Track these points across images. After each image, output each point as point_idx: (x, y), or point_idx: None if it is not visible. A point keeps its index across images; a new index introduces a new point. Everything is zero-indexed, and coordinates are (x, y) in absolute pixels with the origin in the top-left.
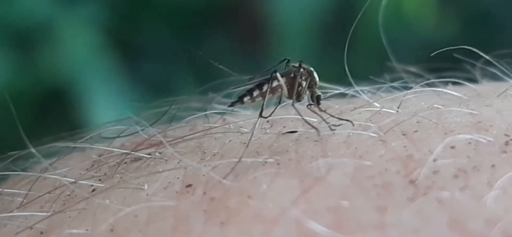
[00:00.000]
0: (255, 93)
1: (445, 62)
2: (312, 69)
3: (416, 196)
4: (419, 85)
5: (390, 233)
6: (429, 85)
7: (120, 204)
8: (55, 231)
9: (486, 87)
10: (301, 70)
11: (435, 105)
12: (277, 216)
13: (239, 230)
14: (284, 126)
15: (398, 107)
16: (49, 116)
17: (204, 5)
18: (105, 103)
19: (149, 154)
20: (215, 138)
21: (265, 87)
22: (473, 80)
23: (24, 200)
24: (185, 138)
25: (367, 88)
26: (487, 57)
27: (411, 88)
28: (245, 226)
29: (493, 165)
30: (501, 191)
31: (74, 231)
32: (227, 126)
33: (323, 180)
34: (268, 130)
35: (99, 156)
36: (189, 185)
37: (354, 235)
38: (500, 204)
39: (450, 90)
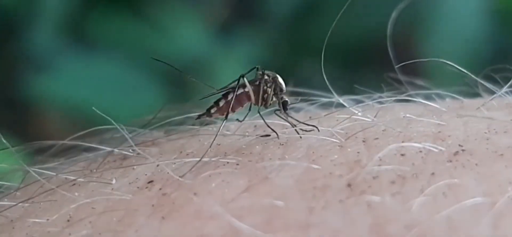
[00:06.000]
0: (221, 103)
1: None
2: (277, 75)
3: (348, 199)
4: (405, 95)
5: (311, 233)
6: (427, 96)
7: (87, 197)
8: (23, 220)
9: (478, 101)
10: (265, 77)
11: (407, 115)
12: (214, 213)
13: (176, 225)
14: (264, 130)
15: (374, 116)
16: None
17: (359, 42)
18: None
19: (132, 153)
20: (199, 140)
21: (230, 96)
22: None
23: (17, 192)
24: (168, 138)
25: (355, 97)
26: (465, 71)
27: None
28: (182, 221)
29: (433, 173)
30: (430, 198)
31: (37, 220)
32: (210, 128)
33: (269, 180)
34: (247, 134)
35: (95, 155)
36: (151, 181)
37: (277, 233)
38: (424, 210)
39: (434, 103)
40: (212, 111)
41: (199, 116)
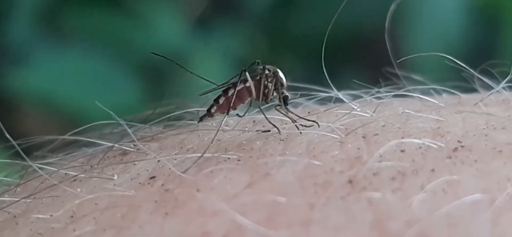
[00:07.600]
0: (221, 100)
1: None
2: (277, 70)
3: (349, 195)
4: (403, 90)
5: (312, 229)
6: (424, 92)
7: (89, 193)
8: (26, 216)
9: (476, 96)
10: (266, 72)
11: (406, 110)
12: (217, 209)
13: (179, 221)
14: (263, 126)
15: (373, 111)
16: None
17: (338, 39)
18: None
19: (132, 148)
20: (199, 136)
21: (230, 92)
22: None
23: (17, 188)
24: (168, 133)
25: (353, 92)
26: (464, 66)
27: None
28: (186, 217)
29: (432, 170)
30: (430, 194)
31: (40, 216)
32: (210, 124)
33: (270, 177)
34: (247, 129)
35: (94, 150)
36: (153, 177)
37: (280, 229)
38: (424, 206)
39: (432, 98)
40: (213, 110)
41: (201, 119)
